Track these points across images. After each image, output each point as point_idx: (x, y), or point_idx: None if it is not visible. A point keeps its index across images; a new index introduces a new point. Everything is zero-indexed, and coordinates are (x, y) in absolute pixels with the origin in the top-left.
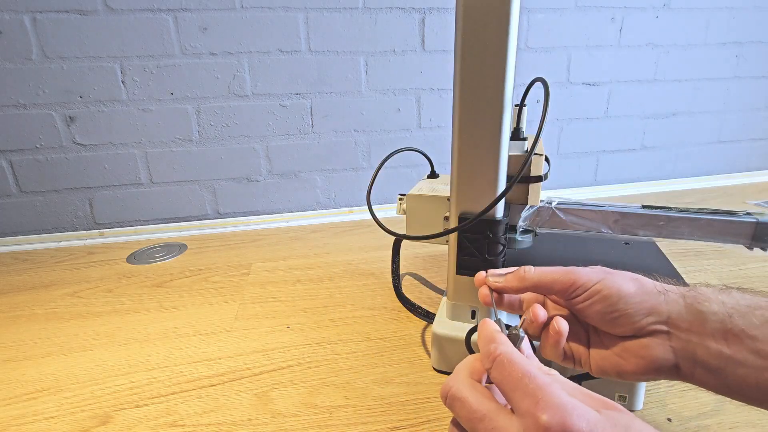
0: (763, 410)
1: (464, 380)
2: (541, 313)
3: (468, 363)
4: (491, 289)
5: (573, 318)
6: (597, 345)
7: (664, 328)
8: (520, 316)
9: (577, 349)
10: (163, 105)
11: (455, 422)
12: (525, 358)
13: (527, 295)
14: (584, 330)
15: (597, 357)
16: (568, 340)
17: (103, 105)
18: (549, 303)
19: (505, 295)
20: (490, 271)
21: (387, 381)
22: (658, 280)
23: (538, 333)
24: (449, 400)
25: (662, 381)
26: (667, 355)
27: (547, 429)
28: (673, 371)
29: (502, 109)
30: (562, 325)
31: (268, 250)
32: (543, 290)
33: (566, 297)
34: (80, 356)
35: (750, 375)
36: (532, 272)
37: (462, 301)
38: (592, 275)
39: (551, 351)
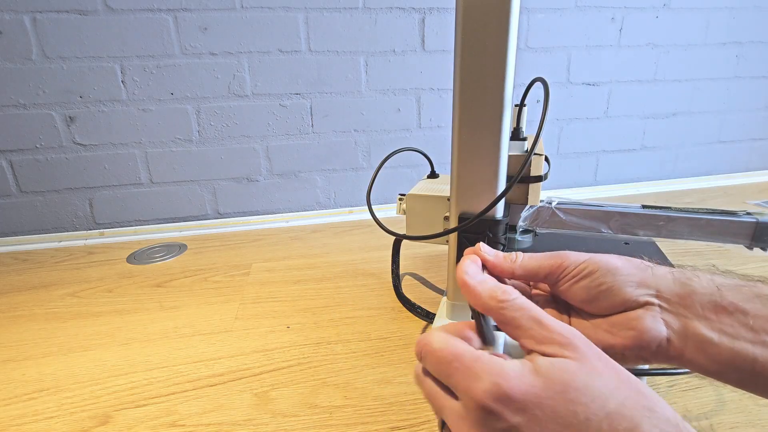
0: (762, 410)
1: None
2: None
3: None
4: (483, 266)
5: (555, 303)
6: (580, 326)
7: (655, 300)
8: None
9: None
10: (163, 105)
11: (425, 371)
12: (456, 342)
13: (513, 284)
14: (566, 314)
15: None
16: None
17: (103, 105)
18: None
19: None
20: (484, 245)
21: (387, 381)
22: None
23: None
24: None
25: (662, 381)
26: (658, 326)
27: (483, 397)
28: (664, 348)
29: (502, 109)
30: None
31: (268, 250)
32: (530, 275)
33: (553, 280)
34: (80, 356)
35: (745, 349)
36: (521, 258)
37: (462, 301)
38: (579, 256)
39: None
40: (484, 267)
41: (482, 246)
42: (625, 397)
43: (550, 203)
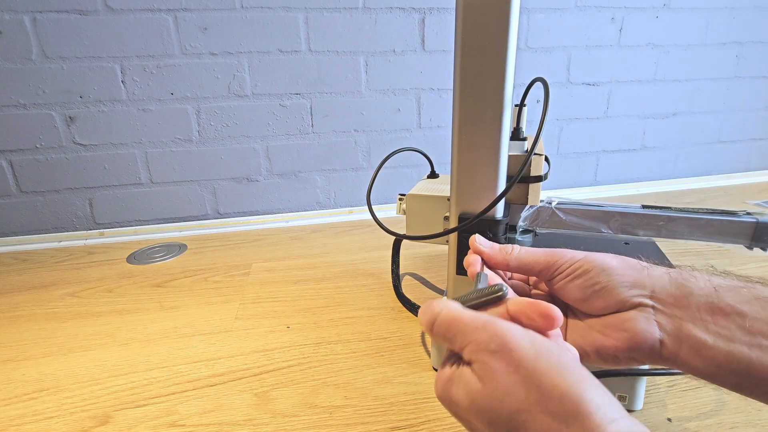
0: (762, 411)
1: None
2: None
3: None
4: (483, 261)
5: (553, 302)
6: (575, 326)
7: (649, 302)
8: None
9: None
10: (163, 105)
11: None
12: (464, 311)
13: (512, 283)
14: (564, 314)
15: (575, 336)
16: None
17: (103, 105)
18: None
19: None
20: (479, 237)
21: (387, 381)
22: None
23: None
24: (438, 323)
25: (662, 381)
26: (651, 328)
27: (485, 344)
28: (657, 350)
29: (502, 109)
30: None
31: (268, 250)
32: (525, 269)
33: (547, 277)
34: (80, 356)
35: (741, 352)
36: (517, 251)
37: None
38: (575, 254)
39: None
40: (482, 259)
41: (478, 238)
42: (536, 412)
43: (550, 203)
